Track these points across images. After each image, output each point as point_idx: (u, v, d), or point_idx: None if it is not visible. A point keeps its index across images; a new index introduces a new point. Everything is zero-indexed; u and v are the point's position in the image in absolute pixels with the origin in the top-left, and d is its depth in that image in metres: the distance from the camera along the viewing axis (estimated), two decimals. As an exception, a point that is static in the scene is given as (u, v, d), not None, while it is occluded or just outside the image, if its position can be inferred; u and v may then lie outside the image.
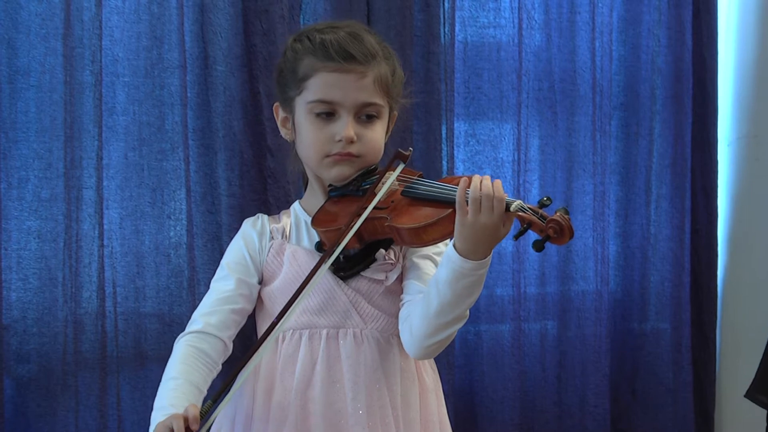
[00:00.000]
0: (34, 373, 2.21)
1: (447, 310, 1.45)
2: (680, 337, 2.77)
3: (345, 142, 1.53)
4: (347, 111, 1.53)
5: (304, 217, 1.63)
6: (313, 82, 1.53)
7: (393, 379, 1.59)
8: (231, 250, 1.67)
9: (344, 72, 1.52)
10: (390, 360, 1.59)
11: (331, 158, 1.55)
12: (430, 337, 1.49)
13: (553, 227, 1.36)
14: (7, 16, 2.18)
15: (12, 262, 2.19)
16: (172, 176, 2.30)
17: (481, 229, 1.37)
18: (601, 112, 2.68)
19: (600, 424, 2.69)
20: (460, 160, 2.59)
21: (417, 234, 1.46)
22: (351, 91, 1.53)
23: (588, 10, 2.65)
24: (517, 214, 1.39)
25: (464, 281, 1.42)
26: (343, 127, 1.53)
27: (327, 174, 1.58)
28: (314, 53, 1.54)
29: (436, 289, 1.45)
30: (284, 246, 1.60)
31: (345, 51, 1.52)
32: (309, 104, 1.54)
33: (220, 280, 1.63)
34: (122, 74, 2.27)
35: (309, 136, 1.55)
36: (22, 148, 2.20)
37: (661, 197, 2.75)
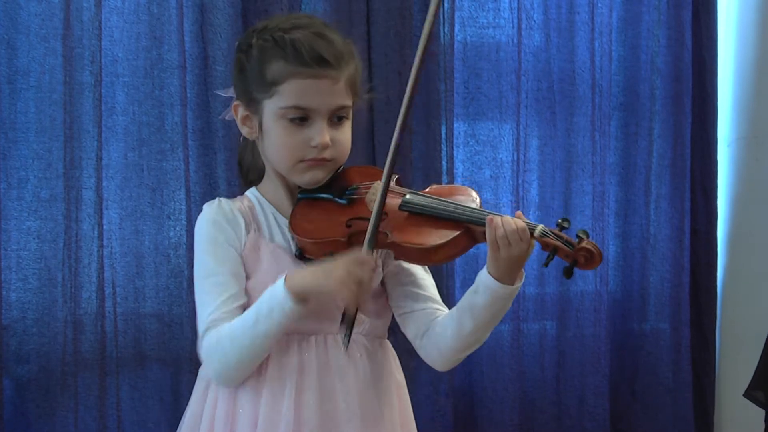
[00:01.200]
0: (34, 374, 2.21)
1: (481, 330, 1.50)
2: (680, 338, 2.76)
3: (320, 149, 1.50)
4: (321, 116, 1.50)
5: (271, 209, 1.58)
6: (286, 87, 1.49)
7: (380, 381, 1.58)
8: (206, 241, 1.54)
9: (319, 78, 1.48)
10: (377, 363, 1.58)
11: (305, 163, 1.52)
12: (462, 352, 1.54)
13: (585, 255, 1.40)
14: (7, 17, 2.18)
15: (12, 263, 2.19)
16: (172, 176, 2.30)
17: (514, 259, 1.42)
18: (600, 112, 2.68)
19: (599, 424, 2.69)
20: (460, 160, 2.59)
21: (426, 254, 1.45)
22: (326, 97, 1.50)
23: (587, 10, 2.65)
24: (542, 239, 1.41)
25: (501, 302, 1.47)
26: (318, 132, 1.50)
27: (299, 178, 1.54)
28: (285, 57, 1.48)
29: (471, 313, 1.47)
30: (260, 242, 1.54)
31: (318, 56, 1.48)
32: (282, 110, 1.49)
33: (212, 277, 1.51)
34: (122, 74, 2.27)
35: (280, 141, 1.51)
36: (22, 149, 2.20)
37: (660, 197, 2.75)
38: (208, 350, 1.48)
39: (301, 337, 1.52)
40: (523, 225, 1.40)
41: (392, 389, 1.60)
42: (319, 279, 1.42)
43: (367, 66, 2.44)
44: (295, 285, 1.42)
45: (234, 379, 1.50)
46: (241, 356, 1.46)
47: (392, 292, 1.59)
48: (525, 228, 1.40)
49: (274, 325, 1.43)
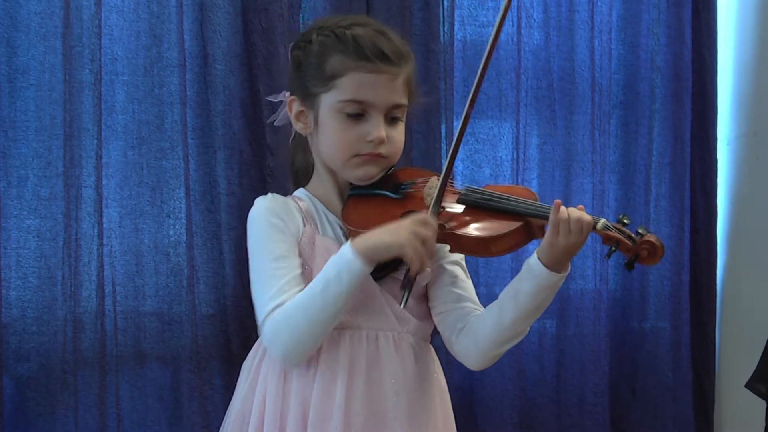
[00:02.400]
0: (34, 372, 2.22)
1: (521, 321, 1.49)
2: (679, 336, 2.76)
3: (376, 143, 1.51)
4: (378, 112, 1.51)
5: (321, 206, 1.59)
6: (346, 81, 1.50)
7: (426, 382, 1.58)
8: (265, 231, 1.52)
9: (379, 73, 1.50)
10: (423, 364, 1.58)
11: (359, 158, 1.52)
12: (499, 347, 1.52)
13: (647, 248, 1.41)
14: (7, 15, 2.18)
15: (11, 261, 2.20)
16: (172, 175, 2.31)
17: (569, 248, 1.43)
18: (600, 110, 2.68)
19: (599, 423, 2.69)
20: (460, 158, 2.59)
21: (485, 244, 1.46)
22: (384, 92, 1.51)
23: (587, 8, 2.65)
24: (604, 232, 1.42)
25: (546, 293, 1.46)
26: (375, 127, 1.51)
27: (352, 173, 1.55)
28: (346, 51, 1.50)
29: (515, 301, 1.47)
30: (315, 235, 1.54)
31: (380, 51, 1.49)
32: (340, 103, 1.51)
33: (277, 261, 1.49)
34: (121, 73, 2.28)
35: (336, 135, 1.52)
36: (22, 147, 2.20)
37: (660, 196, 2.75)
38: (275, 327, 1.46)
39: (353, 332, 1.52)
40: (588, 217, 1.42)
41: (436, 391, 1.61)
42: (385, 237, 1.43)
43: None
44: (362, 245, 1.43)
45: (302, 354, 1.49)
46: (311, 326, 1.45)
47: (432, 293, 1.59)
48: (590, 220, 1.42)
49: (344, 288, 1.43)
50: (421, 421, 1.55)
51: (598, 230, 1.42)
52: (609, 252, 1.43)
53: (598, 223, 1.42)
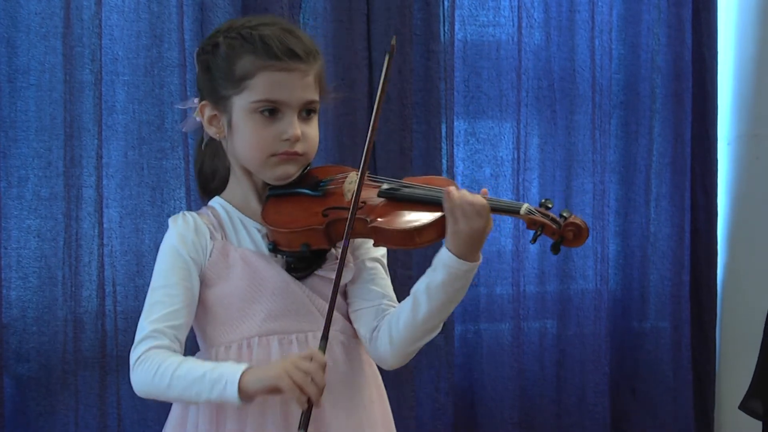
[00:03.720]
0: (34, 372, 2.21)
1: (435, 315, 1.48)
2: (680, 336, 2.77)
3: (292, 141, 1.51)
4: (292, 110, 1.51)
5: (238, 215, 1.58)
6: (257, 81, 1.50)
7: (359, 375, 1.59)
8: (167, 255, 1.56)
9: (289, 71, 1.50)
10: (354, 359, 1.59)
11: (276, 157, 1.52)
12: (413, 343, 1.51)
13: (572, 230, 1.40)
14: (7, 15, 2.18)
15: (12, 261, 2.19)
16: (172, 175, 2.31)
17: (473, 234, 1.42)
18: (600, 110, 2.68)
19: (599, 423, 2.70)
20: (460, 158, 2.59)
21: (410, 236, 1.45)
22: (296, 90, 1.51)
23: (587, 8, 2.65)
24: (529, 217, 1.41)
25: (458, 283, 1.45)
26: (290, 126, 1.50)
27: (270, 173, 1.54)
28: (255, 51, 1.50)
29: (427, 295, 1.47)
30: (228, 247, 1.55)
31: (289, 49, 1.49)
32: (253, 104, 1.50)
33: (164, 288, 1.53)
34: (122, 73, 2.27)
35: (252, 136, 1.52)
36: (22, 147, 2.20)
37: (660, 196, 2.76)
38: (144, 363, 1.51)
39: (282, 337, 1.53)
40: (481, 200, 1.40)
41: (372, 385, 1.62)
42: (266, 372, 1.42)
43: (367, 64, 2.45)
44: (246, 377, 1.42)
45: (148, 396, 1.55)
46: (168, 391, 1.48)
47: (350, 290, 1.59)
48: (483, 203, 1.40)
49: (209, 395, 1.44)
50: (359, 415, 1.56)
51: (521, 215, 1.41)
52: (534, 236, 1.42)
53: (521, 209, 1.42)
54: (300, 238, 1.51)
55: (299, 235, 1.51)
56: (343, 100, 2.41)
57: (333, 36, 2.42)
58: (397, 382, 2.47)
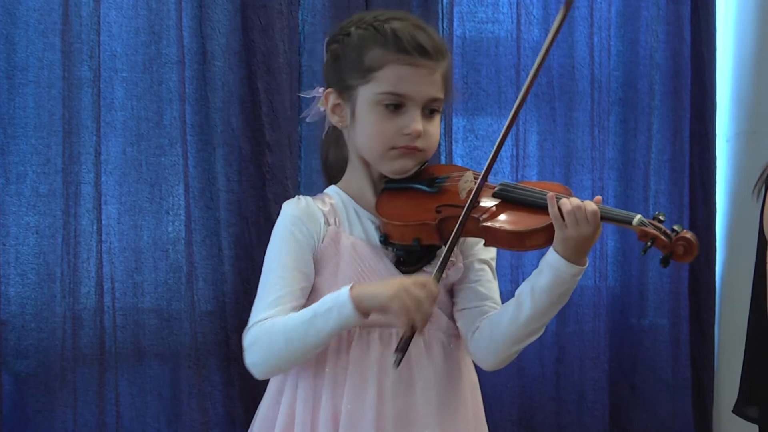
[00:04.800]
0: (33, 369, 2.21)
1: (537, 318, 1.49)
2: (679, 333, 2.77)
3: (413, 136, 1.52)
4: (416, 105, 1.52)
5: (353, 204, 1.59)
6: (384, 73, 1.50)
7: (456, 378, 1.58)
8: (281, 239, 1.55)
9: (417, 66, 1.51)
10: (453, 360, 1.58)
11: (396, 151, 1.53)
12: (514, 345, 1.52)
13: (683, 245, 1.41)
14: (5, 12, 2.18)
15: (10, 258, 2.19)
16: (171, 172, 2.31)
17: (581, 239, 1.43)
18: (599, 107, 2.68)
19: (598, 420, 2.69)
20: (459, 155, 2.59)
21: (520, 238, 1.46)
22: (422, 85, 1.52)
23: (586, 5, 2.65)
24: (641, 228, 1.42)
25: (563, 288, 1.46)
26: (412, 120, 1.51)
27: (388, 166, 1.55)
28: (385, 44, 1.51)
29: (531, 297, 1.47)
30: (340, 234, 1.55)
31: (419, 44, 1.50)
32: (378, 95, 1.51)
33: (278, 271, 1.53)
34: (120, 70, 2.27)
35: (374, 128, 1.53)
36: (21, 144, 2.20)
37: (659, 193, 2.76)
38: (256, 337, 1.49)
39: (382, 331, 1.52)
40: (592, 207, 1.42)
41: (467, 386, 1.61)
42: (379, 288, 1.44)
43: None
44: (358, 291, 1.43)
45: (269, 371, 1.53)
46: (288, 350, 1.47)
47: (456, 289, 1.59)
48: (595, 211, 1.41)
49: (329, 326, 1.44)
50: (452, 417, 1.55)
51: (633, 226, 1.42)
52: (645, 248, 1.43)
53: (633, 219, 1.42)
54: (412, 233, 1.51)
55: (411, 229, 1.51)
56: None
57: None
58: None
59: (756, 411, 2.16)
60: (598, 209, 1.42)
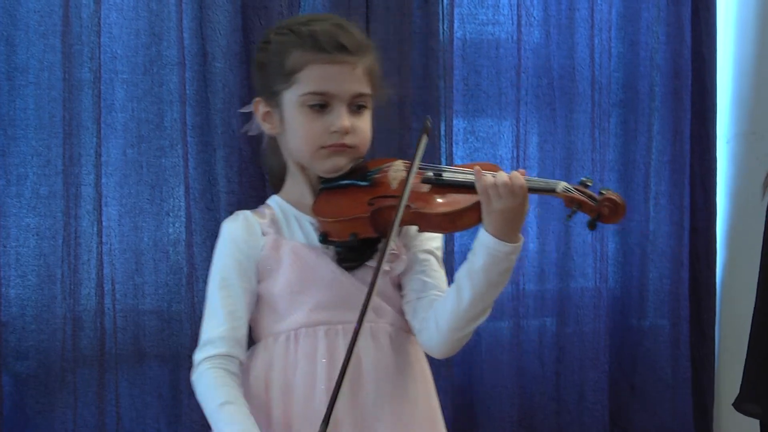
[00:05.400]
0: (33, 370, 2.22)
1: (479, 300, 1.48)
2: (679, 334, 2.77)
3: (340, 133, 1.53)
4: (341, 102, 1.54)
5: (293, 211, 1.61)
6: (305, 74, 1.53)
7: (406, 369, 1.59)
8: (223, 256, 1.60)
9: (337, 63, 1.53)
10: (404, 352, 1.60)
11: (326, 150, 1.54)
12: (459, 330, 1.52)
13: (608, 206, 1.41)
14: (6, 13, 2.18)
15: (11, 259, 2.20)
16: (171, 173, 2.31)
17: (508, 213, 1.42)
18: (600, 109, 2.68)
19: (599, 420, 2.70)
20: (459, 157, 2.60)
21: (452, 219, 1.47)
22: (344, 82, 1.53)
23: (587, 6, 2.65)
24: (566, 195, 1.41)
25: (499, 267, 1.45)
26: (338, 118, 1.53)
27: (321, 166, 1.57)
28: (303, 46, 1.53)
29: (469, 279, 1.47)
30: (280, 241, 1.57)
31: (337, 42, 1.52)
32: (302, 97, 1.53)
33: (222, 290, 1.57)
34: (121, 71, 2.28)
35: (302, 129, 1.55)
36: (21, 145, 2.20)
37: (660, 194, 2.76)
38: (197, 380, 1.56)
39: (327, 328, 1.54)
40: (517, 178, 1.41)
41: (418, 378, 1.62)
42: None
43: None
44: None
45: None
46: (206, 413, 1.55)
47: (403, 281, 1.61)
48: (521, 183, 1.41)
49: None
50: (404, 408, 1.57)
51: (559, 193, 1.42)
52: (570, 213, 1.43)
53: (558, 186, 1.42)
54: (348, 228, 1.52)
55: (346, 224, 1.53)
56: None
57: (332, 34, 2.42)
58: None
59: (757, 408, 2.17)
60: (524, 181, 1.42)
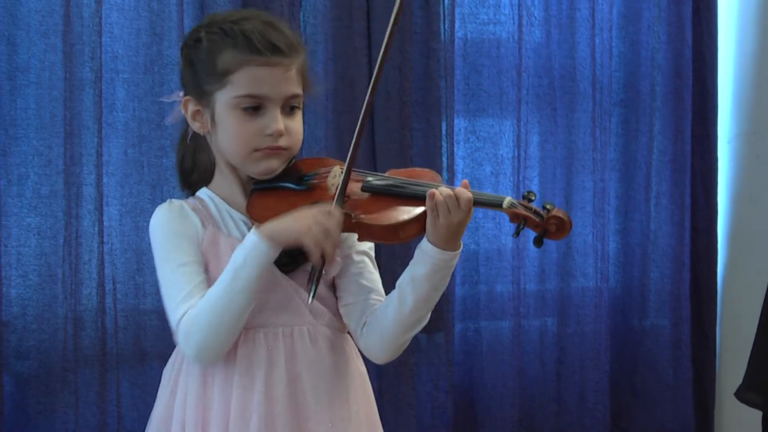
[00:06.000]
0: (34, 370, 2.23)
1: (421, 306, 1.50)
2: (680, 334, 2.77)
3: (275, 136, 1.51)
4: (275, 104, 1.51)
5: (225, 206, 1.58)
6: (239, 76, 1.49)
7: (344, 370, 1.60)
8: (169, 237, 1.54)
9: (272, 65, 1.50)
10: (341, 353, 1.60)
11: (259, 152, 1.52)
12: (402, 336, 1.53)
13: (555, 223, 1.41)
14: (7, 13, 2.19)
15: (12, 259, 2.20)
16: (172, 173, 2.28)
17: (453, 226, 1.43)
18: (601, 108, 2.68)
19: (599, 421, 2.70)
20: (460, 156, 2.60)
21: (394, 231, 1.46)
22: (279, 84, 1.51)
23: (588, 6, 2.66)
24: (511, 210, 1.42)
25: (441, 273, 1.47)
26: (273, 120, 1.50)
27: (254, 168, 1.54)
28: (236, 46, 1.49)
29: (412, 286, 1.48)
30: (218, 236, 1.54)
31: (270, 43, 1.49)
32: (235, 99, 1.50)
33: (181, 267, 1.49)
34: (122, 71, 2.28)
35: (234, 131, 1.52)
36: (22, 145, 2.20)
37: (661, 194, 2.76)
38: (186, 329, 1.46)
39: (268, 330, 1.53)
40: (464, 194, 1.41)
41: (356, 379, 1.62)
42: (287, 222, 1.44)
43: (367, 62, 2.45)
44: (265, 229, 1.45)
45: (217, 350, 1.49)
46: (223, 318, 1.45)
47: (339, 284, 1.60)
48: (468, 198, 1.41)
49: (253, 271, 1.44)
50: (342, 410, 1.56)
51: (504, 209, 1.42)
52: (517, 229, 1.43)
53: (503, 202, 1.42)
54: None
55: None
56: (343, 98, 2.42)
57: (333, 34, 2.42)
58: (396, 381, 2.48)
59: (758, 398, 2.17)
60: (471, 196, 1.42)
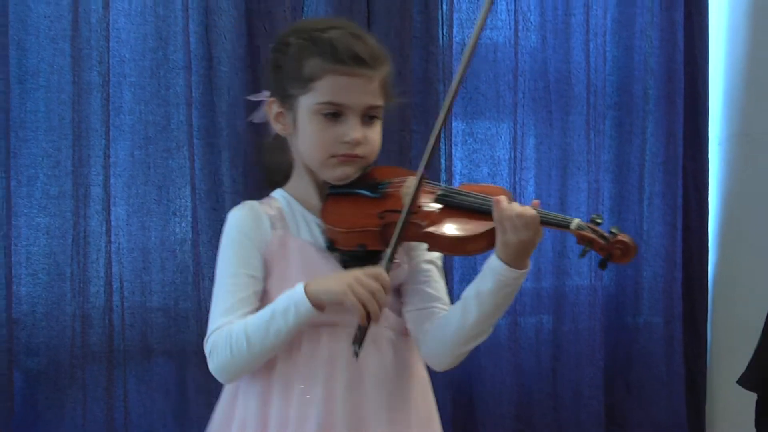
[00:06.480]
0: (43, 366, 2.24)
1: (484, 321, 1.51)
2: (672, 331, 2.80)
3: (352, 144, 1.54)
4: (354, 113, 1.54)
5: (299, 208, 1.61)
6: (323, 83, 1.53)
7: (405, 374, 1.61)
8: (231, 245, 1.58)
9: (354, 76, 1.53)
10: (402, 357, 1.61)
11: (336, 158, 1.55)
12: (463, 346, 1.54)
13: (620, 248, 1.43)
14: (17, 18, 2.20)
15: (21, 258, 2.22)
16: (178, 174, 2.33)
17: (522, 244, 1.44)
18: (595, 111, 2.71)
19: (594, 416, 2.73)
20: (458, 158, 2.62)
21: (462, 244, 1.49)
22: (360, 94, 1.54)
23: (582, 12, 2.69)
24: (579, 233, 1.44)
25: (506, 290, 1.47)
26: (352, 129, 1.53)
27: (330, 174, 1.57)
28: (322, 54, 1.53)
29: (477, 300, 1.49)
30: (287, 237, 1.57)
31: (355, 54, 1.52)
32: (317, 105, 1.54)
33: (232, 278, 1.55)
34: (129, 75, 2.30)
35: (314, 136, 1.55)
36: (32, 147, 2.22)
37: (653, 194, 2.78)
38: (216, 342, 1.52)
39: (331, 329, 1.54)
40: (530, 212, 1.42)
41: (417, 383, 1.63)
42: (331, 283, 1.46)
43: (367, 66, 2.48)
44: (312, 288, 1.46)
45: (234, 374, 1.54)
46: (250, 350, 1.49)
47: (404, 290, 1.61)
48: (533, 215, 1.42)
49: (289, 323, 1.47)
50: (402, 414, 1.57)
51: (572, 230, 1.43)
52: (583, 251, 1.45)
53: (571, 224, 1.43)
54: (357, 239, 1.53)
55: (356, 235, 1.54)
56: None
57: (334, 37, 2.45)
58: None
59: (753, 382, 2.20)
60: (538, 215, 1.43)
